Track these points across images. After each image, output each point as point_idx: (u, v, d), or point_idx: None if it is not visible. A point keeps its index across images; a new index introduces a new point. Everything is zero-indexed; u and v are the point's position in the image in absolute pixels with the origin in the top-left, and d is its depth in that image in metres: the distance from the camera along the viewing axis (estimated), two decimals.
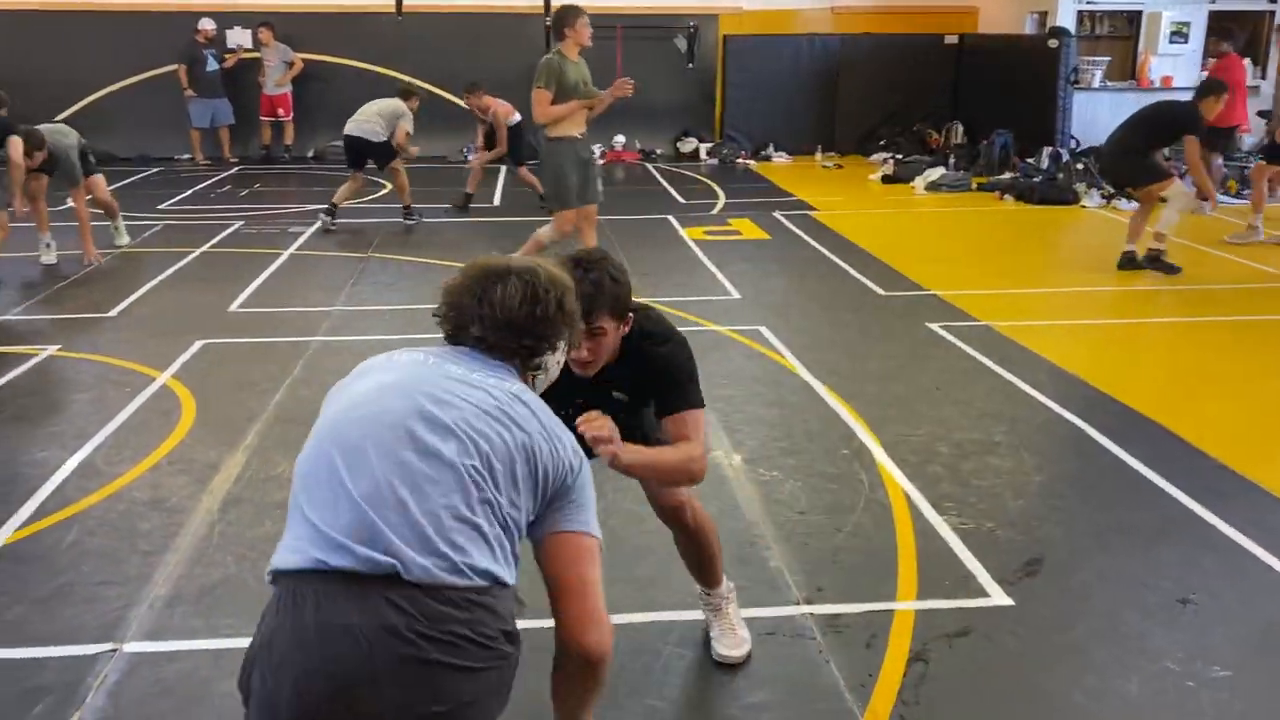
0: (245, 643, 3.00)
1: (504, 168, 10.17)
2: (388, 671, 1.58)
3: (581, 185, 6.75)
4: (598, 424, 2.27)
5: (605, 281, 2.40)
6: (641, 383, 2.59)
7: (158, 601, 3.28)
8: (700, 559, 3.00)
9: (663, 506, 2.93)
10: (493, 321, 1.94)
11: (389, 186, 11.91)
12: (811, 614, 3.22)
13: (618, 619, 3.13)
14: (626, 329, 2.53)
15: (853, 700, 2.81)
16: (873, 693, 2.84)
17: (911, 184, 11.95)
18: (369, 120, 9.36)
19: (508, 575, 1.74)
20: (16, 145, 7.12)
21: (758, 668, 2.95)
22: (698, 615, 3.17)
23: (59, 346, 5.86)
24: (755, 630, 3.12)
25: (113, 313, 6.63)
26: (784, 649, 3.05)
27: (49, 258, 7.85)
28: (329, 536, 1.68)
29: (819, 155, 14.41)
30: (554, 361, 2.09)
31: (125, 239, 8.59)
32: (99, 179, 8.30)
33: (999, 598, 3.32)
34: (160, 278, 7.49)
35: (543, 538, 1.88)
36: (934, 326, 6.30)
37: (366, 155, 9.43)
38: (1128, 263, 7.72)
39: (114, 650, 2.99)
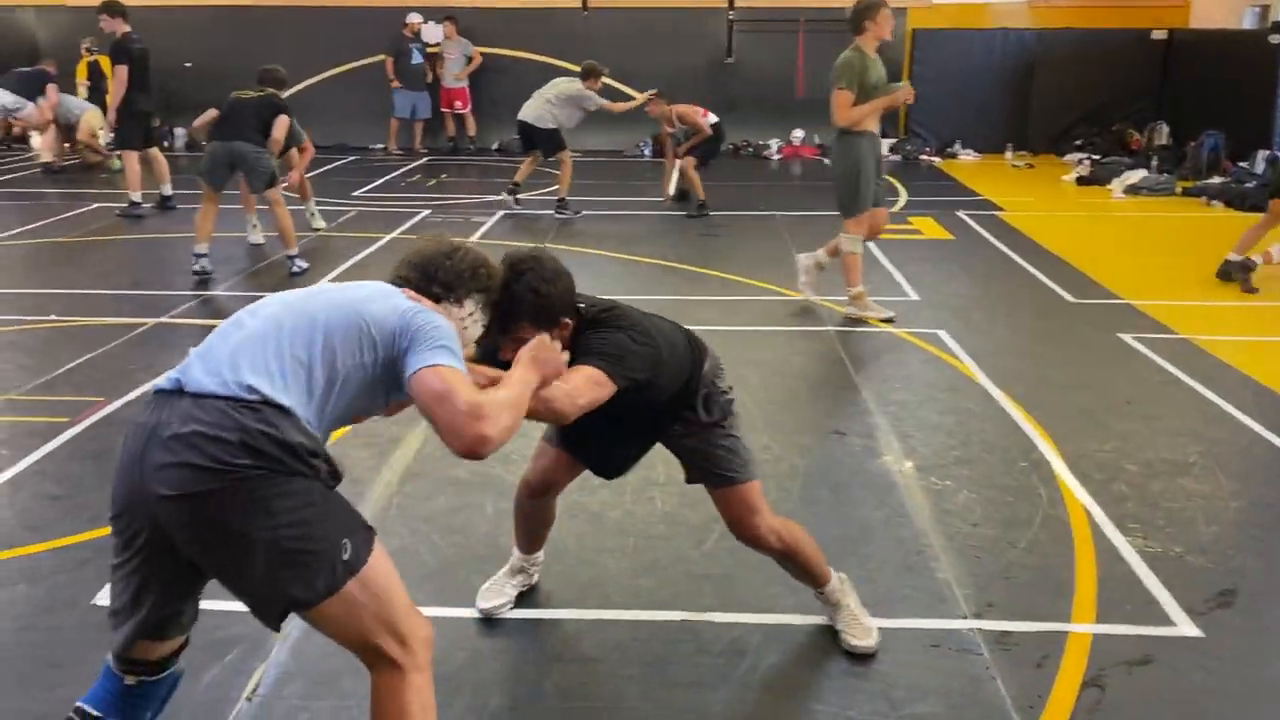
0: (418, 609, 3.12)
1: (676, 163, 10.11)
2: (146, 457, 1.93)
3: (877, 186, 6.38)
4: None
5: (525, 294, 2.42)
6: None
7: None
8: (799, 570, 3.02)
9: (744, 538, 2.95)
10: (412, 261, 2.27)
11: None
12: (980, 629, 3.10)
13: (775, 620, 3.13)
14: (566, 332, 2.53)
15: None
16: (1041, 715, 2.71)
17: (1109, 186, 11.33)
18: (538, 106, 9.59)
19: (283, 399, 1.95)
20: (283, 125, 7.50)
21: (919, 679, 2.87)
22: None
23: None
24: (919, 641, 3.03)
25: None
26: (948, 662, 2.95)
27: (255, 237, 8.38)
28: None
29: (1009, 153, 13.86)
30: (463, 316, 2.26)
31: (321, 223, 9.08)
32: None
33: (1186, 627, 3.11)
34: (352, 261, 7.89)
35: (405, 382, 2.05)
36: (1126, 337, 5.96)
37: (534, 141, 9.67)
38: None
39: None
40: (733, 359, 5.55)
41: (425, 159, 13.86)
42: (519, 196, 9.91)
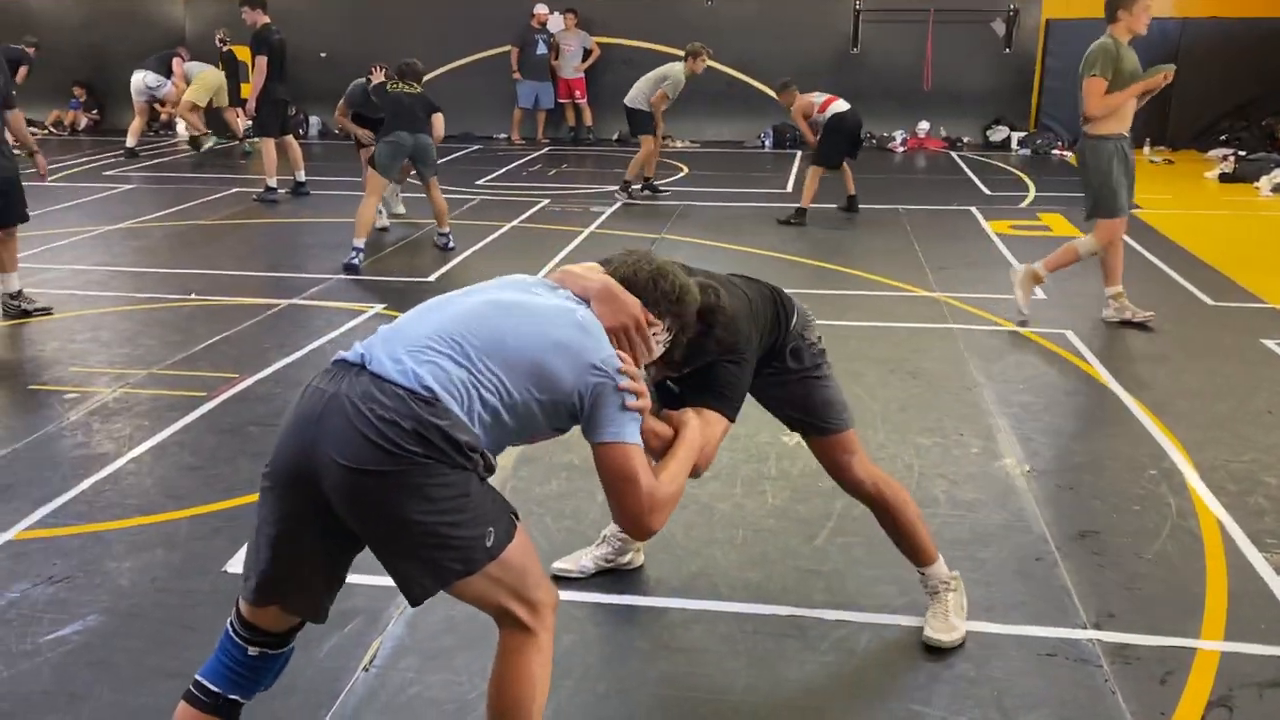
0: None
1: (799, 155, 10.02)
2: (324, 420, 2.01)
3: (1128, 191, 6.07)
4: (637, 394, 2.18)
5: (710, 345, 2.48)
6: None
7: None
8: (897, 533, 3.02)
9: (841, 482, 3.01)
10: (620, 270, 2.28)
11: (685, 170, 12.20)
12: (1099, 640, 3.00)
13: (885, 619, 3.08)
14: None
15: None
16: None
17: (1255, 184, 10.77)
18: (637, 88, 9.65)
19: (450, 402, 2.02)
20: (441, 121, 7.85)
21: (1033, 688, 2.79)
22: (970, 625, 3.04)
23: (384, 305, 6.45)
24: (1034, 649, 2.95)
25: (432, 277, 7.21)
26: (1065, 672, 2.86)
27: (380, 221, 8.63)
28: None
29: (1147, 149, 13.29)
30: (654, 336, 2.26)
31: (401, 209, 9.25)
32: None
33: None
34: (474, 248, 8.06)
35: (594, 446, 2.15)
36: (1270, 343, 5.66)
37: (632, 122, 9.80)
38: None
39: None
40: (850, 355, 5.51)
41: (547, 149, 14.04)
42: (635, 188, 9.99)
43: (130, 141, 12.95)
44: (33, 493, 3.90)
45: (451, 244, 7.96)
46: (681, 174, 11.98)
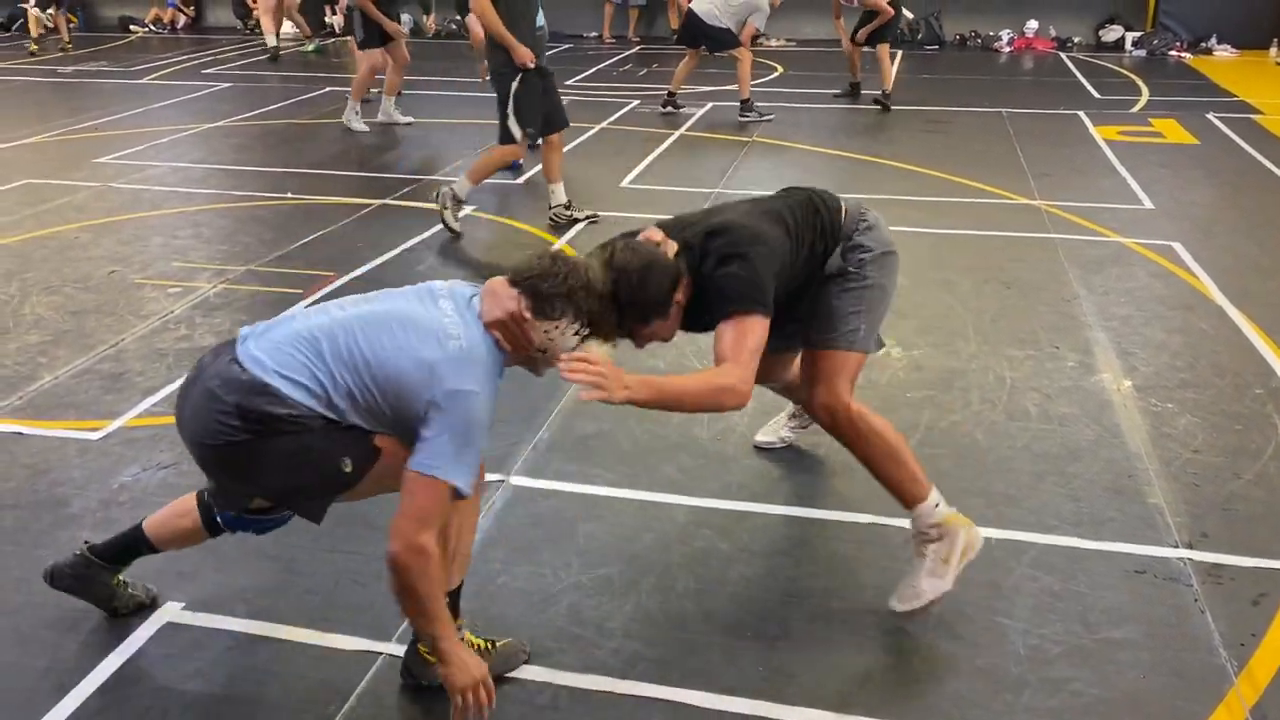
0: (611, 491, 3.24)
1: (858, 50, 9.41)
2: (189, 389, 2.29)
3: None
4: (582, 371, 2.17)
5: (626, 310, 2.43)
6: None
7: (540, 444, 3.61)
8: (872, 469, 2.78)
9: (818, 404, 2.78)
10: (520, 270, 2.30)
11: (780, 69, 11.88)
12: (1190, 559, 2.94)
13: None
14: (682, 298, 2.59)
15: (1227, 657, 2.55)
16: (1253, 654, 2.56)
17: None
18: (716, 5, 8.88)
19: (291, 391, 2.18)
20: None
21: (1119, 603, 2.75)
22: (1056, 539, 3.01)
23: (474, 207, 6.48)
24: (1122, 566, 2.90)
25: (520, 180, 7.21)
26: (1154, 590, 2.82)
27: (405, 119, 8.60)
28: None
29: (1274, 50, 12.49)
30: (551, 329, 2.25)
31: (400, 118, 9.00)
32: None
33: None
34: (564, 150, 8.00)
35: (412, 454, 2.18)
36: None
37: (701, 37, 9.09)
38: None
39: (501, 481, 3.35)
40: (942, 263, 5.38)
41: (637, 48, 13.78)
42: (678, 103, 9.51)
43: (270, 41, 12.81)
44: (141, 382, 4.08)
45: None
46: (776, 74, 11.68)
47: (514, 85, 5.83)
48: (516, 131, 5.88)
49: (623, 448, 3.58)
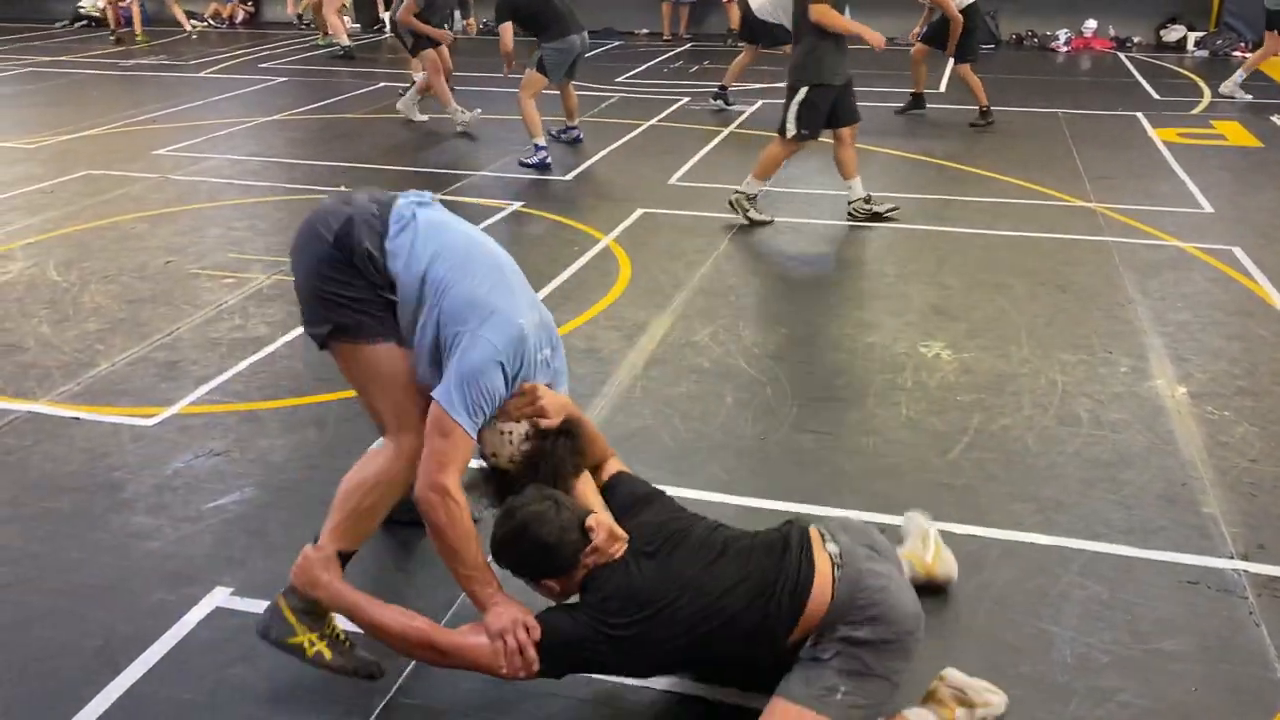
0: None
1: (950, 60, 9.35)
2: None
3: None
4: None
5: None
6: None
7: None
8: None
9: None
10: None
11: None
12: (1246, 571, 2.87)
13: (1016, 536, 3.02)
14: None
15: None
16: None
17: None
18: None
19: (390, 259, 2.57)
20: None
21: (1170, 614, 2.70)
22: (1106, 547, 2.96)
23: (523, 203, 6.51)
24: (1174, 577, 2.84)
25: (568, 177, 7.23)
26: (1206, 601, 2.76)
27: (463, 116, 8.61)
28: None
29: None
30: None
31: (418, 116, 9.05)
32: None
33: None
34: (612, 147, 8.02)
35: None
36: None
37: (759, 33, 9.04)
38: None
39: None
40: (996, 266, 5.31)
41: (689, 45, 13.76)
42: (729, 99, 9.49)
43: (343, 40, 12.90)
44: (195, 371, 4.15)
45: (581, 137, 8.03)
46: None
47: (805, 91, 5.89)
48: (791, 129, 5.91)
49: (666, 445, 3.58)
